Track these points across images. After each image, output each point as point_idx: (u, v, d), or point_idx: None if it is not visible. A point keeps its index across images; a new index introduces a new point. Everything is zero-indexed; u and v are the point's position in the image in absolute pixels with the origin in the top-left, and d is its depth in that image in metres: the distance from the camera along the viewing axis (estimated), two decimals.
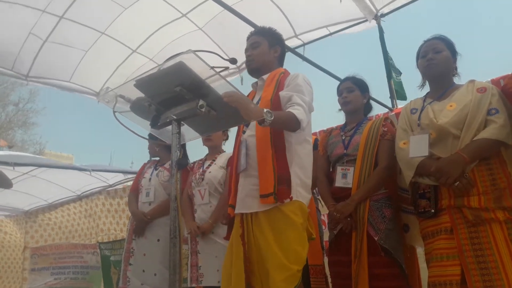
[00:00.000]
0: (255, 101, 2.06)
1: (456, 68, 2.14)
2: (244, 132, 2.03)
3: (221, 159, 2.94)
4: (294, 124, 1.83)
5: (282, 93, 1.95)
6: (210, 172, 2.90)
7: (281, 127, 1.86)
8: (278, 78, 2.03)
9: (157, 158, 3.39)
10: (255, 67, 2.12)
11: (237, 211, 1.96)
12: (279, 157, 1.85)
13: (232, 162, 2.07)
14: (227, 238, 2.10)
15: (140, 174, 3.38)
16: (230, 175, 2.06)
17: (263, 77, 2.10)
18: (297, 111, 1.83)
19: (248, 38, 2.19)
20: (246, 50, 2.16)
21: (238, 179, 1.99)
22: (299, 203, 1.88)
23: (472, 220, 1.76)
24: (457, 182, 1.79)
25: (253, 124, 1.96)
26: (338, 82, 2.59)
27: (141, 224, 3.07)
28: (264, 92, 2.01)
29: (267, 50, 2.12)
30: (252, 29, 2.39)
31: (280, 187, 1.80)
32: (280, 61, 2.20)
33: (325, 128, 3.35)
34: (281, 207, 1.82)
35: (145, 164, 3.45)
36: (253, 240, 1.87)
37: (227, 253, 1.99)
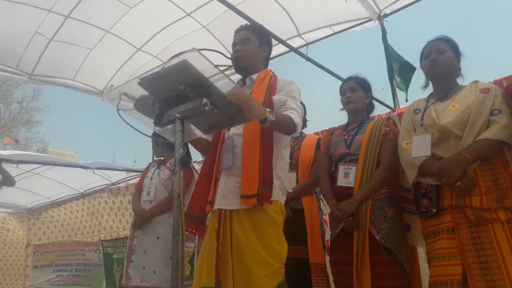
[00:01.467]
0: None
1: (459, 69, 2.14)
2: (228, 129, 2.00)
3: None
4: (291, 127, 1.84)
5: (275, 97, 1.94)
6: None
7: (279, 128, 1.86)
8: (270, 82, 2.01)
9: (162, 158, 3.43)
10: (244, 65, 2.06)
11: (217, 206, 1.93)
12: (266, 160, 1.86)
13: (211, 158, 2.01)
14: (198, 233, 2.06)
15: (144, 173, 3.42)
16: (208, 170, 2.00)
17: (252, 77, 2.06)
18: (294, 115, 1.84)
19: (237, 32, 2.11)
20: (235, 44, 2.08)
21: (218, 176, 1.97)
22: (280, 204, 1.91)
23: (474, 220, 1.77)
24: (459, 182, 1.79)
25: None
26: (340, 82, 2.59)
27: (140, 221, 3.11)
28: (254, 93, 1.98)
29: (256, 49, 2.08)
30: None
31: (264, 190, 1.81)
32: (267, 61, 2.16)
33: (327, 128, 3.35)
34: (264, 205, 1.83)
35: (150, 164, 3.50)
36: (229, 237, 1.86)
37: (202, 249, 1.97)
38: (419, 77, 2.23)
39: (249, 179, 1.83)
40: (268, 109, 1.67)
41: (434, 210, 1.88)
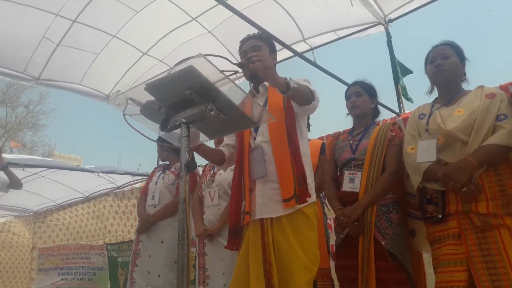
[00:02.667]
0: None
1: (464, 74, 2.13)
2: (254, 138, 2.02)
3: None
4: (310, 96, 1.86)
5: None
6: (220, 174, 2.92)
7: (299, 97, 1.84)
8: None
9: (167, 163, 3.44)
10: None
11: (258, 216, 1.93)
12: (296, 159, 1.89)
13: (239, 170, 2.03)
14: (229, 247, 2.07)
15: (150, 177, 3.44)
16: (238, 182, 2.03)
17: (264, 84, 2.10)
18: (308, 84, 1.88)
19: (245, 41, 2.13)
20: (246, 52, 2.09)
21: (251, 186, 1.98)
22: (315, 205, 1.94)
23: (480, 226, 1.76)
24: (465, 188, 1.78)
25: (264, 129, 1.98)
26: (345, 87, 2.59)
27: (144, 225, 3.13)
28: (271, 99, 2.01)
29: (268, 56, 2.11)
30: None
31: (301, 188, 1.85)
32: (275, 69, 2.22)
33: (332, 132, 3.35)
34: (303, 209, 1.87)
35: (156, 168, 3.52)
36: (272, 244, 1.87)
37: (241, 258, 1.97)
38: (423, 81, 2.23)
39: (287, 182, 1.86)
40: (288, 78, 1.70)
41: (440, 216, 1.87)
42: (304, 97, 1.86)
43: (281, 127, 1.89)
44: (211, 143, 2.94)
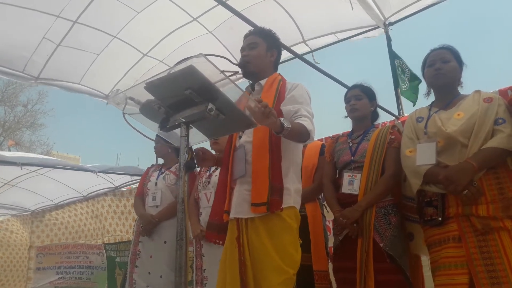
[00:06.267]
0: None
1: (460, 78, 2.14)
2: (240, 137, 2.01)
3: None
4: (305, 135, 1.83)
5: (288, 107, 1.93)
6: (216, 175, 2.91)
7: (294, 138, 1.84)
8: (278, 87, 1.99)
9: (161, 162, 3.41)
10: (252, 70, 2.04)
11: (232, 216, 1.93)
12: (275, 166, 1.85)
13: (225, 167, 2.02)
14: (209, 239, 2.11)
15: (144, 178, 3.40)
16: (223, 180, 2.02)
17: (260, 83, 2.05)
18: (306, 123, 1.83)
19: (245, 37, 2.10)
20: (243, 49, 2.07)
21: (232, 185, 1.98)
22: (295, 209, 1.90)
23: (480, 229, 1.76)
24: (466, 191, 1.78)
25: (250, 129, 1.94)
26: (345, 89, 2.60)
27: (148, 226, 3.09)
28: (262, 99, 2.00)
29: (264, 53, 2.05)
30: None
31: (273, 198, 1.80)
32: (275, 65, 2.14)
33: (331, 135, 3.36)
34: (276, 212, 1.83)
35: (149, 169, 3.48)
36: (247, 244, 1.86)
37: (222, 258, 1.98)
38: (421, 84, 2.24)
39: (258, 187, 1.82)
40: (282, 119, 1.68)
41: (440, 219, 1.87)
42: (298, 137, 1.84)
43: (265, 130, 1.85)
44: (206, 144, 2.94)
